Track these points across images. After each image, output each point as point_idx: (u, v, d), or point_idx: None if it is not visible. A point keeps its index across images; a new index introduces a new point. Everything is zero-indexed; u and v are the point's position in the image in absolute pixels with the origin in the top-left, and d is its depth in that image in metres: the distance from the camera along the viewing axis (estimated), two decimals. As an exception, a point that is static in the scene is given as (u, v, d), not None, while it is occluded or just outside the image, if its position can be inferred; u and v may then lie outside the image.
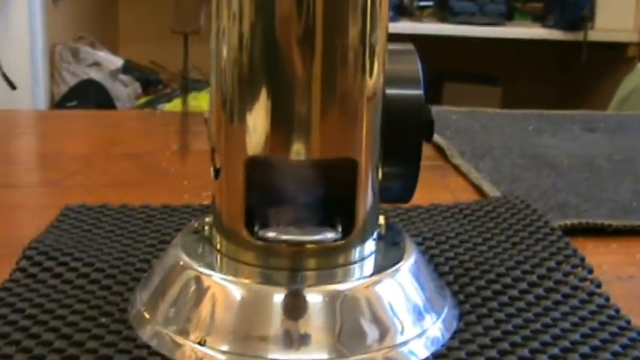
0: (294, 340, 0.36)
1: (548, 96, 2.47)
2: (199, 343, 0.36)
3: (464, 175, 0.66)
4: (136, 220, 0.53)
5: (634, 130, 0.83)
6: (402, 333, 0.39)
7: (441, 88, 2.33)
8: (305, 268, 0.39)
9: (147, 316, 0.39)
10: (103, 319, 0.40)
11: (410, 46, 0.44)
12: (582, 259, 0.46)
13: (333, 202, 0.39)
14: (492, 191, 0.60)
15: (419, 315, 0.40)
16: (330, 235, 0.35)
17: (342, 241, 0.38)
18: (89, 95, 2.00)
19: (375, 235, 0.41)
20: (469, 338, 0.38)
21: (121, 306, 0.41)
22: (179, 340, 0.37)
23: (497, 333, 0.39)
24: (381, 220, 0.42)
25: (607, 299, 0.42)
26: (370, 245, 0.41)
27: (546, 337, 0.38)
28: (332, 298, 0.38)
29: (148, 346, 0.37)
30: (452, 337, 0.39)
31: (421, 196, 0.60)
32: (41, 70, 1.91)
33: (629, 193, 0.62)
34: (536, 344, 0.38)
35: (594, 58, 2.12)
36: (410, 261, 0.41)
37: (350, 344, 0.37)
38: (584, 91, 2.30)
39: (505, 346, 0.38)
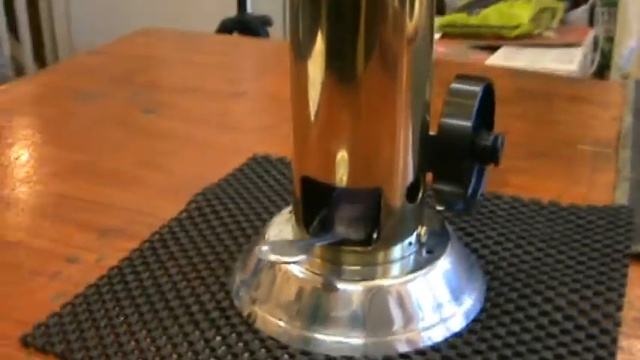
0: (329, 320, 0.48)
1: None
2: (253, 302, 0.50)
3: (618, 170, 0.67)
4: (294, 177, 0.67)
5: None
6: (423, 320, 0.48)
7: None
8: (347, 263, 0.49)
9: (236, 271, 0.53)
10: (213, 264, 0.55)
11: (479, 84, 0.49)
12: (620, 295, 0.49)
13: (369, 213, 0.49)
14: (622, 197, 0.62)
15: (439, 308, 0.48)
16: (294, 258, 0.45)
17: (370, 247, 0.48)
18: None
19: (413, 240, 0.50)
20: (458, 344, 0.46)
21: (234, 256, 0.56)
22: (246, 299, 0.51)
23: (482, 346, 0.46)
24: (422, 230, 0.50)
25: (613, 341, 0.46)
26: (405, 250, 0.49)
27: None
28: (366, 290, 0.48)
29: (228, 293, 0.52)
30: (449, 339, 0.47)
31: (555, 188, 0.65)
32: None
33: None
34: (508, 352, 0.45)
35: None
36: (434, 267, 0.49)
37: (377, 328, 0.47)
38: None
39: (478, 360, 0.45)
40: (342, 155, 0.46)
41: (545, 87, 0.88)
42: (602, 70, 1.95)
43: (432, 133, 0.49)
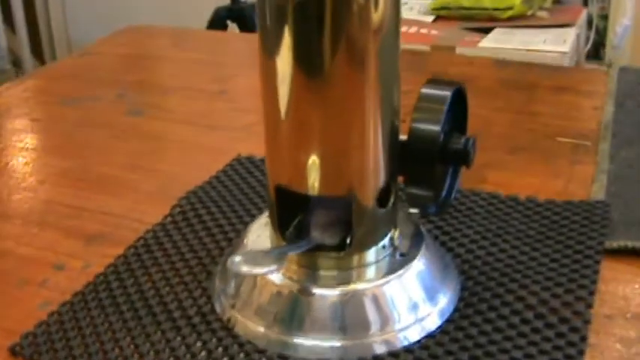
0: (306, 325, 0.49)
1: None
2: (232, 307, 0.51)
3: (596, 163, 0.68)
4: (276, 177, 0.68)
5: None
6: (399, 322, 0.49)
7: None
8: (322, 268, 0.50)
9: (216, 276, 0.55)
10: (195, 269, 0.56)
11: (449, 88, 0.50)
12: (591, 293, 0.51)
13: (344, 219, 0.50)
14: (599, 190, 0.63)
15: (415, 308, 0.50)
16: (266, 269, 0.47)
17: (341, 253, 0.49)
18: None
19: (387, 243, 0.51)
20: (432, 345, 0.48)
21: (216, 260, 0.57)
22: (226, 304, 0.52)
23: (454, 346, 0.47)
24: (396, 233, 0.51)
25: (582, 338, 0.47)
26: (380, 253, 0.51)
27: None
28: (342, 295, 0.49)
29: (209, 297, 0.53)
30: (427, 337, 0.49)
31: (533, 183, 0.66)
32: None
33: None
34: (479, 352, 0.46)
35: None
36: (408, 269, 0.50)
37: (355, 331, 0.49)
38: None
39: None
40: (313, 162, 0.47)
41: (529, 77, 0.89)
42: (597, 47, 1.95)
43: (403, 137, 0.50)
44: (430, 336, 0.49)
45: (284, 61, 0.46)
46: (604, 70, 0.90)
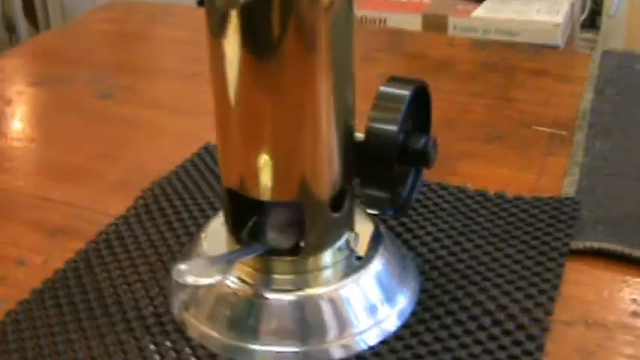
0: (260, 330, 0.48)
1: None
2: (186, 309, 0.51)
3: (570, 155, 0.67)
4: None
5: None
6: (357, 325, 0.49)
7: None
8: (277, 272, 0.50)
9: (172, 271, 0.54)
10: (155, 266, 0.55)
11: (409, 87, 0.49)
12: (550, 298, 0.50)
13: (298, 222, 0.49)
14: (570, 186, 0.62)
15: (373, 311, 0.49)
16: (211, 279, 0.46)
17: (295, 257, 0.48)
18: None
19: (343, 246, 0.50)
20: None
21: (176, 256, 0.57)
22: (180, 305, 0.51)
23: (407, 354, 0.47)
24: (351, 236, 0.50)
25: (538, 347, 0.46)
26: (336, 256, 0.50)
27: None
28: (298, 299, 0.49)
29: (165, 297, 0.52)
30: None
31: (504, 176, 0.65)
32: None
33: None
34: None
35: None
36: (366, 271, 0.50)
37: (313, 336, 0.48)
38: None
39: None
40: (265, 162, 0.46)
41: (510, 59, 0.87)
42: (594, 16, 1.92)
43: (359, 135, 0.48)
44: (385, 342, 0.48)
45: (232, 42, 0.44)
46: (587, 53, 0.88)
